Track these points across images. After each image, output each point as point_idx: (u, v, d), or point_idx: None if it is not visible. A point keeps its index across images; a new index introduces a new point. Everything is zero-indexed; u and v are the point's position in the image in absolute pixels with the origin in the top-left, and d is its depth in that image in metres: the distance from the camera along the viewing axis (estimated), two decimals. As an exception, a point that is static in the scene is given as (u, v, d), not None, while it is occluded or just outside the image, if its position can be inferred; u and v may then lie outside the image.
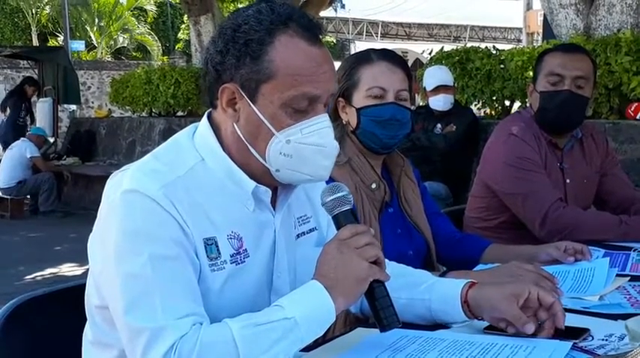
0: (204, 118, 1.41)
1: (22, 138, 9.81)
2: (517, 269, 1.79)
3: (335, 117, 2.13)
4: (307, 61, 1.32)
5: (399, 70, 2.07)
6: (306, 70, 1.31)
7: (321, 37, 1.36)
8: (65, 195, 10.38)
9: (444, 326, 1.53)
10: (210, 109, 1.42)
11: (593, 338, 1.41)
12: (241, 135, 1.35)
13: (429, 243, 2.19)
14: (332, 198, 1.38)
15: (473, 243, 2.25)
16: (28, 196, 9.90)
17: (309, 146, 1.33)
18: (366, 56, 2.10)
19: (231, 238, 1.33)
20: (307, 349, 1.35)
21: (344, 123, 2.12)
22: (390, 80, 2.05)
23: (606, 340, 1.39)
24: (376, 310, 1.33)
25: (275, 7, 1.33)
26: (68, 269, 6.38)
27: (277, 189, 1.43)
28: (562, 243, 2.10)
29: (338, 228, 1.37)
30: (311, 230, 1.51)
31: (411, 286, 1.56)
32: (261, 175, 1.36)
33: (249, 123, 1.34)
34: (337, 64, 2.24)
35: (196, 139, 1.39)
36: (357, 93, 2.07)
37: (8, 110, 11.73)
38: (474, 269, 1.97)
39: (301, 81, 1.31)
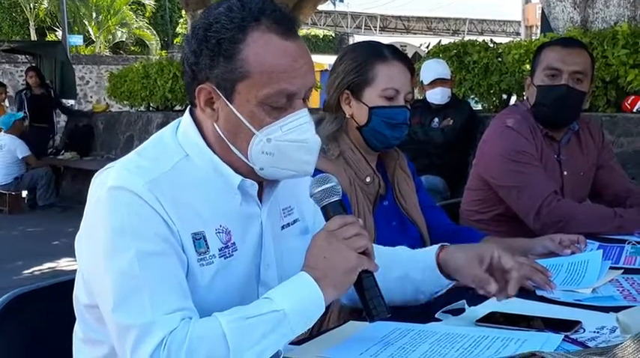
0: (187, 114, 1.40)
1: (8, 136, 9.58)
2: (510, 262, 1.79)
3: (336, 109, 2.12)
4: (282, 56, 1.30)
5: (409, 71, 2.08)
6: (281, 66, 1.30)
7: (295, 29, 1.34)
8: (63, 190, 10.37)
9: (436, 319, 1.54)
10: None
11: (584, 331, 1.42)
12: (222, 135, 1.34)
13: (424, 235, 2.19)
14: (320, 189, 1.38)
15: (467, 235, 2.25)
16: (26, 191, 9.90)
17: (290, 143, 1.33)
18: (379, 52, 2.07)
19: (219, 232, 1.33)
20: (299, 342, 1.36)
21: (346, 116, 2.10)
22: (403, 82, 2.05)
23: (598, 332, 1.40)
24: (365, 300, 1.33)
25: (245, 2, 1.31)
26: (66, 263, 6.37)
27: (263, 181, 1.42)
28: (557, 236, 2.10)
29: (327, 219, 1.37)
30: (295, 221, 1.51)
31: (388, 270, 1.56)
32: (245, 173, 1.36)
33: (229, 123, 1.33)
34: (334, 58, 2.24)
35: (180, 136, 1.38)
36: (371, 90, 2.05)
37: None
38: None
39: (277, 78, 1.29)
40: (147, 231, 1.23)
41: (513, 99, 5.97)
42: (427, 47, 6.70)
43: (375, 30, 31.84)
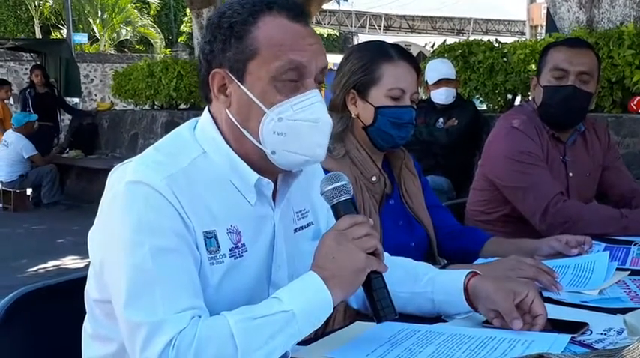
0: (206, 111, 1.42)
1: (15, 134, 9.56)
2: (516, 263, 1.79)
3: (342, 108, 2.12)
4: (290, 33, 1.33)
5: (415, 71, 2.08)
6: (289, 40, 1.32)
7: (305, 16, 1.36)
8: (68, 188, 10.39)
9: (443, 319, 1.53)
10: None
11: (591, 332, 1.41)
12: (234, 120, 1.35)
13: (430, 234, 2.19)
14: (331, 187, 1.37)
15: (473, 235, 2.25)
16: (31, 189, 9.90)
17: (301, 122, 1.33)
18: (385, 52, 2.07)
19: (230, 232, 1.33)
20: (306, 342, 1.36)
21: (352, 116, 2.10)
22: (410, 82, 2.05)
23: (605, 334, 1.40)
24: (373, 301, 1.33)
25: None
26: (71, 261, 6.38)
27: (277, 183, 1.42)
28: (563, 236, 2.10)
29: (337, 217, 1.36)
30: (308, 224, 1.51)
31: (413, 280, 1.59)
32: (258, 161, 1.36)
33: (241, 106, 1.34)
34: (338, 57, 2.24)
35: (198, 132, 1.39)
36: (377, 90, 2.05)
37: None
38: (474, 263, 1.97)
39: (285, 50, 1.31)
40: (163, 225, 1.24)
41: (518, 99, 5.96)
42: (432, 47, 6.68)
43: (380, 29, 31.81)
